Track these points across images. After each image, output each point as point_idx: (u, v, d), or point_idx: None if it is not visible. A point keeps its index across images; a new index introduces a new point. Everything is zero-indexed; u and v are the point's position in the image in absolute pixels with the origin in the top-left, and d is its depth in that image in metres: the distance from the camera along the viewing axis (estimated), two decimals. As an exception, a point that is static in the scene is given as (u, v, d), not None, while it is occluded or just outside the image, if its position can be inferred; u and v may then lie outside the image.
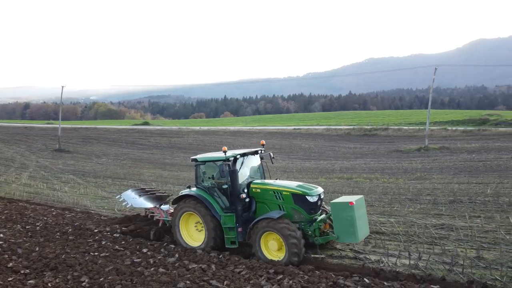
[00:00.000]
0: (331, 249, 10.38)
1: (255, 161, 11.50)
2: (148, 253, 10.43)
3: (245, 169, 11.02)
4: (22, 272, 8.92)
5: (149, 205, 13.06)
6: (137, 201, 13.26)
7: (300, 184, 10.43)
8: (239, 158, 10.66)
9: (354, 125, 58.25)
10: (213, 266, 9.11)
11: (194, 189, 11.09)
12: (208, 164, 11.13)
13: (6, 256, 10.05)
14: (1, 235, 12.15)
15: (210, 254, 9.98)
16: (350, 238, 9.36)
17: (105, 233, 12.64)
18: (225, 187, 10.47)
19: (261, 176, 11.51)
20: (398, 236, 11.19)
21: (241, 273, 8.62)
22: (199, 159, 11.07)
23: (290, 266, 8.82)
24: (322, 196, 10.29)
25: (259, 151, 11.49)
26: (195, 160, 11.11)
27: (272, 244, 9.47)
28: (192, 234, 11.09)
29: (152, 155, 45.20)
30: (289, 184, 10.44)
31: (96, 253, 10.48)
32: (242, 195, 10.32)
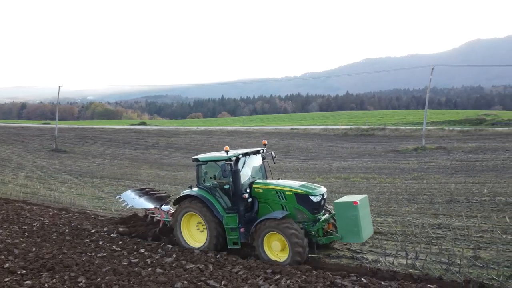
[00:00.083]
0: (329, 249, 10.38)
1: (257, 161, 11.39)
2: (146, 253, 10.39)
3: (247, 169, 10.91)
4: (19, 273, 8.88)
5: (150, 206, 12.97)
6: (137, 202, 13.16)
7: (303, 184, 10.33)
8: (241, 158, 10.56)
9: (352, 125, 58.38)
10: (211, 266, 9.09)
11: (196, 189, 10.97)
12: (210, 164, 11.01)
13: (3, 257, 10.01)
14: (-2, 236, 12.09)
15: (208, 254, 9.93)
16: (354, 238, 9.23)
17: (102, 233, 12.60)
18: (227, 187, 10.35)
19: (263, 176, 11.41)
20: (395, 236, 11.20)
21: (239, 273, 8.60)
22: (201, 159, 10.97)
23: (288, 266, 8.79)
24: (325, 196, 10.20)
25: (261, 151, 11.38)
26: (197, 160, 10.99)
27: (276, 245, 9.36)
28: (194, 235, 10.97)
29: (150, 155, 45.13)
30: (292, 184, 10.33)
31: (93, 254, 10.45)
32: (245, 195, 10.20)
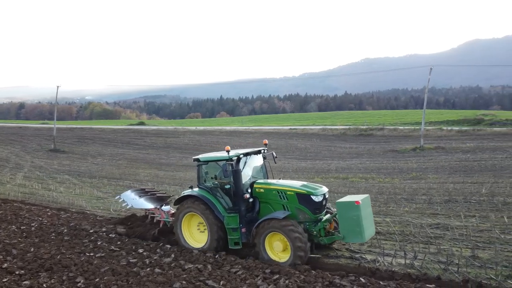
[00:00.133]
0: (327, 249, 10.37)
1: (258, 161, 11.35)
2: (144, 254, 10.37)
3: (248, 169, 10.87)
4: (17, 273, 8.86)
5: (150, 206, 12.90)
6: (138, 202, 13.09)
7: (305, 184, 10.28)
8: (242, 158, 10.52)
9: (350, 125, 58.44)
10: (209, 266, 9.08)
11: (197, 190, 10.91)
12: (211, 164, 10.97)
13: (1, 257, 9.98)
14: (-4, 236, 12.06)
15: (206, 254, 9.91)
16: (356, 238, 9.18)
17: (101, 234, 12.57)
18: (228, 187, 10.31)
19: (264, 176, 11.37)
20: (394, 236, 11.21)
21: (237, 273, 8.60)
22: (202, 159, 10.92)
23: (286, 266, 8.79)
24: (327, 196, 10.16)
25: (262, 151, 11.35)
26: (198, 160, 10.94)
27: (277, 245, 9.31)
28: (195, 235, 10.92)
29: (148, 155, 45.06)
30: (293, 184, 10.28)
31: (92, 254, 10.42)
32: (246, 195, 10.17)
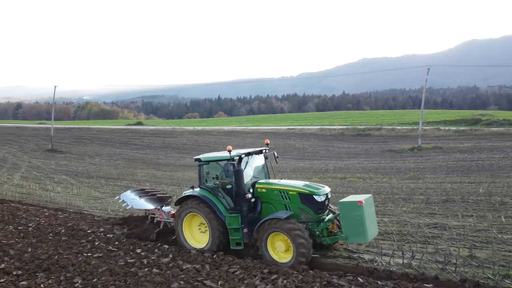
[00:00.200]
0: (325, 249, 10.37)
1: (259, 161, 11.31)
2: (142, 254, 10.37)
3: (250, 169, 10.84)
4: (14, 273, 8.84)
5: (150, 207, 12.85)
6: (138, 202, 13.02)
7: (307, 184, 10.25)
8: (244, 158, 10.47)
9: (348, 125, 58.43)
10: (207, 266, 9.07)
11: (198, 190, 10.87)
12: (212, 164, 10.93)
13: (-2, 257, 9.96)
14: (-7, 236, 12.03)
15: (204, 254, 9.91)
16: (359, 238, 9.15)
17: (99, 234, 12.55)
18: (229, 187, 10.28)
19: (266, 176, 11.34)
20: (392, 236, 11.22)
21: (235, 273, 8.60)
22: (203, 159, 10.88)
23: (285, 266, 8.79)
24: (330, 196, 10.13)
25: (264, 151, 11.31)
26: (199, 160, 10.91)
27: (279, 245, 9.26)
28: (196, 236, 10.87)
29: (146, 155, 44.96)
30: (296, 184, 10.24)
31: (89, 254, 10.41)
32: (248, 195, 10.13)
